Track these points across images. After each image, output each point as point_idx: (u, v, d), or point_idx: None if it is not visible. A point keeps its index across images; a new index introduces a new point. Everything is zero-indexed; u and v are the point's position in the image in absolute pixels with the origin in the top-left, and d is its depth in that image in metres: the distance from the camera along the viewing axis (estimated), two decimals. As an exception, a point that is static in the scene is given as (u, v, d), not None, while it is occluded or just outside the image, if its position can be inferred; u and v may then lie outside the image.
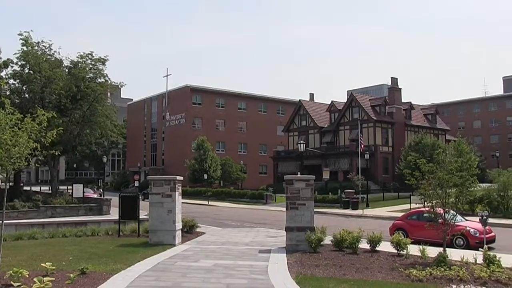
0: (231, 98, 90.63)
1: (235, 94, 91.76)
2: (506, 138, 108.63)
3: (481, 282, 11.86)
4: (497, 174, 37.74)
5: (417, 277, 12.37)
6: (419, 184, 15.97)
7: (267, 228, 27.48)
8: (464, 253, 15.49)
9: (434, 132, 76.32)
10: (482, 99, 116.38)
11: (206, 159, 70.79)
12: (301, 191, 17.64)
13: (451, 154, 18.47)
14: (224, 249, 17.68)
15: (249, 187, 70.77)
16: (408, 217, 23.45)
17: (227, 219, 35.39)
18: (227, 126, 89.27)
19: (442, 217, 15.50)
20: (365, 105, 68.90)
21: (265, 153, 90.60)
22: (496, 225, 27.21)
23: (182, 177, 20.61)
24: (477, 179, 16.61)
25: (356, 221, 32.15)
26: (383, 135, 68.80)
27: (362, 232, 17.20)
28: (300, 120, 77.28)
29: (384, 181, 63.80)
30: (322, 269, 13.63)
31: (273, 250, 17.12)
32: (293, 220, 17.57)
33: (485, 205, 34.70)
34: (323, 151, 69.28)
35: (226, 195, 61.95)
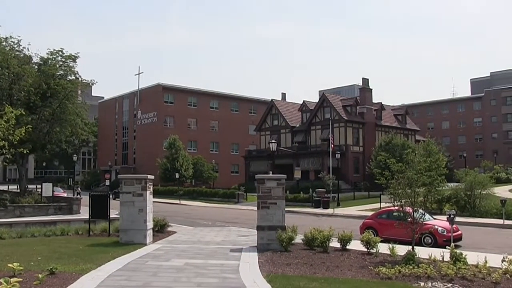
0: (203, 97, 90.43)
1: (207, 93, 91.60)
2: (473, 138, 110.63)
3: (448, 279, 12.11)
4: (464, 174, 38.42)
5: (386, 275, 12.56)
6: (389, 183, 16.21)
7: (238, 227, 27.54)
8: (432, 251, 15.75)
9: (404, 132, 77.36)
10: (451, 101, 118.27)
11: (178, 158, 70.49)
12: (272, 190, 17.72)
13: (420, 154, 18.75)
14: (196, 248, 17.66)
15: (221, 186, 70.78)
16: (378, 216, 23.76)
17: (198, 218, 35.34)
18: (199, 125, 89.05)
19: (411, 216, 15.74)
20: (337, 105, 69.44)
21: (237, 152, 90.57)
22: (463, 223, 27.71)
23: (154, 176, 20.54)
24: (445, 178, 16.94)
25: (327, 220, 32.42)
26: (354, 135, 69.44)
27: (333, 231, 17.36)
28: (272, 120, 77.48)
29: (355, 181, 64.43)
30: (293, 267, 13.73)
31: (245, 249, 17.16)
32: (264, 219, 17.64)
33: (453, 204, 35.32)
34: (294, 150, 69.57)
35: (197, 194, 61.86)
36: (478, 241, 22.61)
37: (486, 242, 22.48)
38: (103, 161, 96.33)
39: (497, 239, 24.00)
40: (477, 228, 28.65)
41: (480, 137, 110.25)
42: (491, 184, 37.70)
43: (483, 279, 12.03)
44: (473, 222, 30.65)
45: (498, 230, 28.15)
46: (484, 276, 12.26)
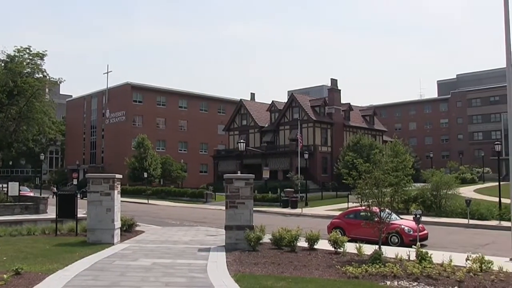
0: (172, 96, 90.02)
1: (176, 93, 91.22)
2: (440, 139, 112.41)
3: (414, 278, 12.24)
4: (430, 174, 38.97)
5: (353, 274, 12.64)
6: (356, 183, 16.35)
7: (207, 226, 27.45)
8: (398, 250, 15.90)
9: (372, 133, 78.17)
10: (418, 102, 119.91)
11: (146, 157, 70.06)
12: (240, 190, 17.70)
13: (388, 155, 18.99)
14: (164, 248, 17.54)
15: (189, 185, 70.55)
16: (345, 215, 23.90)
17: (167, 218, 35.14)
18: (167, 125, 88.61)
19: (378, 215, 15.89)
20: (305, 105, 69.77)
21: (206, 152, 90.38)
22: (429, 223, 28.12)
23: (122, 175, 20.34)
24: (411, 179, 17.15)
25: (295, 220, 32.54)
26: (323, 135, 69.86)
27: (301, 230, 17.42)
28: (241, 120, 77.48)
29: (323, 181, 64.81)
30: (261, 267, 13.73)
31: (213, 249, 17.12)
32: (232, 219, 17.61)
33: (419, 204, 35.77)
34: (263, 150, 69.67)
35: (166, 194, 61.54)
36: (444, 240, 22.95)
37: (451, 241, 22.84)
38: (71, 160, 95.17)
39: (462, 238, 24.41)
40: (442, 227, 29.08)
41: (446, 138, 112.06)
42: (457, 185, 38.28)
43: (447, 278, 12.21)
44: (439, 221, 31.13)
45: (463, 229, 28.64)
46: (449, 274, 12.45)
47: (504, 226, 26.43)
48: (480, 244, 21.54)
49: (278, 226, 18.81)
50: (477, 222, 30.51)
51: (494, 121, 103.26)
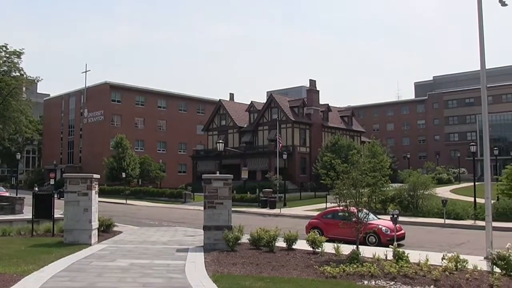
0: (151, 96, 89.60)
1: (155, 92, 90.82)
2: (417, 140, 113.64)
3: (391, 277, 12.36)
4: (407, 174, 39.38)
5: (331, 274, 12.71)
6: (334, 184, 16.45)
7: (185, 227, 27.37)
8: (376, 250, 16.03)
9: (350, 133, 78.66)
10: (395, 103, 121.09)
11: (125, 157, 69.61)
12: (219, 190, 17.69)
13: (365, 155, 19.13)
14: (142, 248, 17.46)
15: (168, 186, 70.29)
16: (323, 216, 24.02)
17: (145, 218, 34.97)
18: (146, 124, 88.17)
19: (355, 215, 16.02)
20: (284, 106, 69.93)
21: (185, 152, 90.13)
22: (406, 223, 28.42)
23: (100, 175, 20.22)
24: (389, 179, 17.32)
25: (274, 220, 32.62)
26: (301, 135, 70.07)
27: (279, 230, 17.45)
28: (220, 120, 77.37)
29: (302, 181, 64.98)
30: (239, 267, 13.74)
31: (191, 249, 17.07)
32: (211, 219, 17.60)
33: (397, 204, 36.10)
34: (242, 150, 69.65)
35: (144, 194, 61.25)
36: (420, 240, 23.19)
37: (428, 241, 23.10)
38: (48, 159, 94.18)
39: (438, 237, 24.70)
40: (419, 227, 29.42)
41: (423, 139, 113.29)
42: (433, 185, 38.75)
43: (424, 277, 12.35)
44: (416, 221, 31.48)
45: (439, 229, 28.99)
46: (425, 273, 12.60)
47: (479, 226, 26.75)
48: (456, 243, 21.83)
49: (257, 226, 18.84)
50: (453, 221, 30.93)
51: (469, 122, 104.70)
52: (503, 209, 31.77)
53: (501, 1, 17.16)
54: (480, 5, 17.04)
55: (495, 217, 27.46)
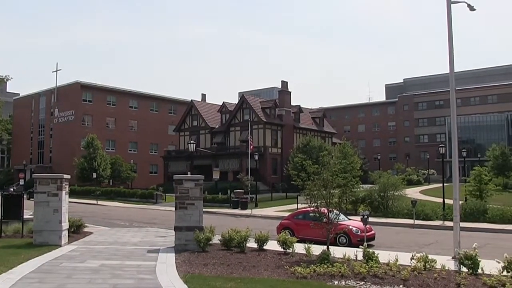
0: (122, 96, 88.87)
1: (127, 92, 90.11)
2: (387, 141, 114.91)
3: (361, 277, 12.48)
4: (378, 176, 39.75)
5: (301, 274, 12.79)
6: (305, 184, 16.52)
7: (156, 227, 27.22)
8: (346, 250, 16.16)
9: (321, 134, 79.14)
10: (367, 105, 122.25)
11: (96, 157, 68.91)
12: (190, 191, 17.66)
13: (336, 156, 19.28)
14: (112, 249, 17.34)
15: (139, 186, 69.83)
16: (294, 216, 24.10)
17: (116, 219, 34.65)
18: (117, 125, 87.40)
19: (326, 216, 16.10)
20: (256, 107, 70.04)
21: (156, 152, 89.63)
22: (377, 223, 28.67)
23: (70, 176, 19.98)
24: (359, 180, 17.52)
25: (245, 221, 32.62)
26: (273, 136, 70.26)
27: (250, 231, 17.49)
28: (191, 120, 77.09)
29: (273, 182, 65.19)
30: (210, 268, 13.73)
31: (162, 250, 17.01)
32: (182, 220, 17.56)
33: (367, 205, 36.42)
34: (213, 151, 69.54)
35: (115, 195, 60.70)
36: (390, 240, 23.43)
37: (397, 241, 23.36)
38: (18, 159, 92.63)
39: (408, 238, 24.99)
40: (389, 228, 29.72)
41: (393, 141, 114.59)
42: (403, 186, 39.19)
43: (393, 276, 12.51)
44: (386, 222, 31.80)
45: (409, 229, 29.33)
46: (394, 273, 12.76)
47: (448, 226, 27.15)
48: (424, 244, 22.11)
49: (228, 227, 18.83)
50: (422, 222, 31.33)
51: (439, 124, 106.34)
52: (471, 209, 32.33)
53: (469, 6, 17.54)
54: (449, 10, 17.36)
55: (463, 217, 28.02)
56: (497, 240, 24.03)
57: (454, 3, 17.42)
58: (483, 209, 32.37)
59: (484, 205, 33.49)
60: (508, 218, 31.02)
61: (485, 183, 40.04)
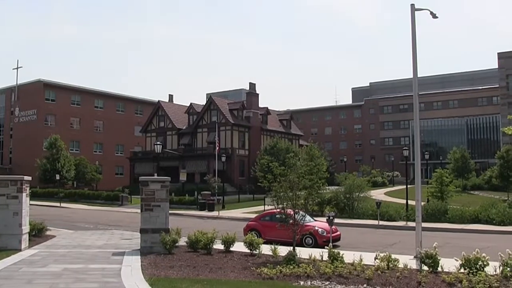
0: (87, 95, 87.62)
1: (92, 92, 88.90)
2: (353, 144, 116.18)
3: (326, 278, 12.67)
4: (344, 177, 40.23)
5: (268, 275, 12.90)
6: (272, 186, 16.65)
7: (122, 230, 27.02)
8: (312, 251, 16.33)
9: (288, 137, 79.49)
10: (333, 108, 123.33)
11: (59, 158, 67.83)
12: (156, 193, 17.60)
13: (303, 158, 19.45)
14: (76, 252, 17.13)
15: (104, 188, 69.05)
16: (261, 218, 24.22)
17: (80, 222, 34.23)
18: (82, 125, 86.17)
19: (292, 217, 16.25)
20: (224, 108, 70.08)
21: (122, 153, 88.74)
22: (342, 224, 29.02)
23: (31, 177, 19.64)
24: (326, 182, 17.79)
25: (212, 223, 32.56)
26: (240, 138, 70.38)
27: (217, 233, 17.51)
28: (158, 121, 76.64)
29: (240, 183, 65.28)
30: (176, 270, 13.73)
31: (127, 253, 16.90)
32: (148, 222, 17.49)
33: (333, 206, 36.78)
34: (180, 153, 69.30)
35: (80, 197, 59.87)
36: (355, 241, 23.74)
37: (362, 242, 23.69)
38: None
39: (372, 238, 25.39)
40: (355, 228, 30.13)
41: (359, 143, 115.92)
42: (368, 188, 39.79)
43: (357, 276, 12.73)
44: (351, 223, 32.22)
45: (373, 230, 29.80)
46: (359, 273, 12.99)
47: (410, 226, 27.69)
48: (388, 244, 22.49)
49: (195, 229, 18.83)
50: (386, 223, 31.88)
51: (403, 127, 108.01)
52: (432, 210, 33.06)
53: (432, 14, 18.01)
54: (413, 17, 17.79)
55: (425, 218, 28.68)
56: (456, 239, 24.61)
57: (418, 10, 17.87)
58: (444, 210, 33.16)
59: (445, 206, 34.30)
60: (467, 218, 31.89)
61: (446, 185, 40.94)
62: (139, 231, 18.02)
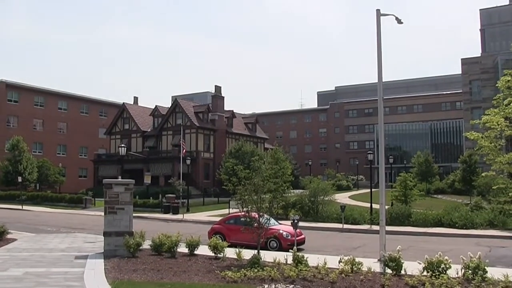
0: (51, 97, 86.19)
1: (56, 93, 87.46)
2: (318, 148, 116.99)
3: (290, 281, 12.72)
4: (309, 181, 40.47)
5: (232, 278, 12.90)
6: (236, 189, 16.66)
7: (85, 233, 26.69)
8: (276, 254, 16.39)
9: (254, 140, 79.62)
10: (299, 111, 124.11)
11: (21, 160, 66.46)
12: (120, 195, 17.46)
13: (268, 162, 19.50)
14: (38, 256, 16.88)
15: (68, 191, 68.08)
16: (226, 221, 24.19)
17: (42, 225, 33.65)
18: (45, 127, 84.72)
19: (257, 221, 16.28)
20: (189, 111, 69.85)
21: (86, 156, 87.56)
22: (307, 228, 29.15)
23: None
24: (290, 185, 17.81)
25: (177, 226, 32.44)
26: (205, 141, 70.24)
27: (181, 236, 17.46)
28: (123, 124, 75.96)
29: (205, 186, 65.13)
30: (140, 273, 13.63)
31: (91, 256, 16.73)
32: (111, 225, 17.33)
33: (298, 210, 36.87)
34: (145, 155, 68.82)
35: (42, 199, 58.83)
36: (320, 244, 23.88)
37: (326, 245, 23.83)
38: None
39: (337, 241, 25.57)
40: (319, 232, 30.30)
41: (324, 147, 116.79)
42: (333, 191, 40.00)
43: (321, 279, 12.81)
44: (316, 226, 32.39)
45: (338, 233, 29.99)
46: (323, 276, 13.07)
47: (374, 230, 27.96)
48: (352, 247, 22.70)
49: (159, 232, 18.72)
50: (351, 226, 32.11)
51: (368, 131, 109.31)
52: (396, 214, 33.42)
53: (397, 19, 18.27)
54: (379, 22, 18.00)
55: (389, 221, 29.00)
56: (419, 242, 24.96)
57: (383, 16, 18.09)
58: (407, 213, 33.55)
59: (408, 209, 34.70)
60: (430, 222, 32.32)
61: (410, 189, 41.50)
62: (102, 234, 17.84)
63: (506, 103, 30.79)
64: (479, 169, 53.52)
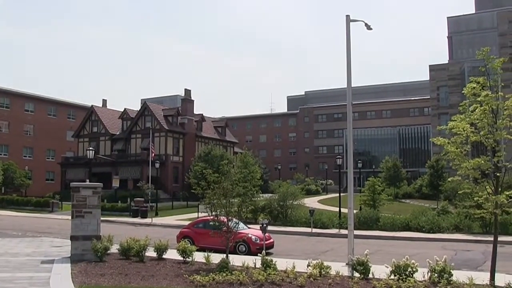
0: (17, 98, 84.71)
1: (22, 95, 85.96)
2: (288, 152, 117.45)
3: (259, 285, 12.75)
4: (278, 185, 40.62)
5: (200, 282, 12.87)
6: (205, 193, 16.64)
7: (52, 237, 26.33)
8: (245, 258, 16.42)
9: (223, 144, 79.53)
10: (269, 116, 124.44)
11: (-15, 163, 65.37)
12: (88, 199, 17.29)
13: (238, 166, 19.52)
14: (2, 260, 16.59)
15: (34, 194, 67.00)
16: (194, 225, 24.14)
17: (7, 229, 33.02)
18: (11, 129, 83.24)
19: (225, 225, 16.28)
20: (158, 114, 69.44)
21: (53, 158, 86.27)
22: (276, 232, 29.23)
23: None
24: (260, 189, 17.85)
25: (145, 230, 32.18)
26: (175, 144, 69.89)
27: (149, 240, 17.37)
28: (91, 126, 75.04)
29: (174, 190, 64.80)
30: (108, 278, 13.51)
31: (57, 260, 16.52)
32: (78, 229, 17.14)
33: (267, 214, 36.95)
34: (113, 158, 68.12)
35: (7, 203, 57.88)
36: (289, 248, 23.98)
37: (295, 249, 23.95)
38: None
39: (306, 245, 25.71)
40: (288, 236, 30.39)
41: (294, 151, 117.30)
42: (302, 195, 40.22)
43: (290, 283, 12.88)
44: (285, 230, 32.48)
45: (306, 237, 30.15)
46: (291, 280, 13.15)
47: (343, 234, 28.12)
48: (321, 251, 22.86)
49: (127, 236, 18.58)
50: (320, 230, 32.33)
51: (337, 136, 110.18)
52: (365, 218, 33.77)
53: (366, 25, 18.52)
54: (348, 28, 18.17)
55: (357, 225, 29.25)
56: (387, 246, 25.27)
57: (353, 21, 18.28)
58: (376, 218, 33.93)
59: (377, 213, 35.10)
60: (398, 226, 32.76)
61: (378, 193, 41.98)
62: (69, 238, 17.63)
63: (471, 109, 31.28)
64: (445, 174, 54.25)
